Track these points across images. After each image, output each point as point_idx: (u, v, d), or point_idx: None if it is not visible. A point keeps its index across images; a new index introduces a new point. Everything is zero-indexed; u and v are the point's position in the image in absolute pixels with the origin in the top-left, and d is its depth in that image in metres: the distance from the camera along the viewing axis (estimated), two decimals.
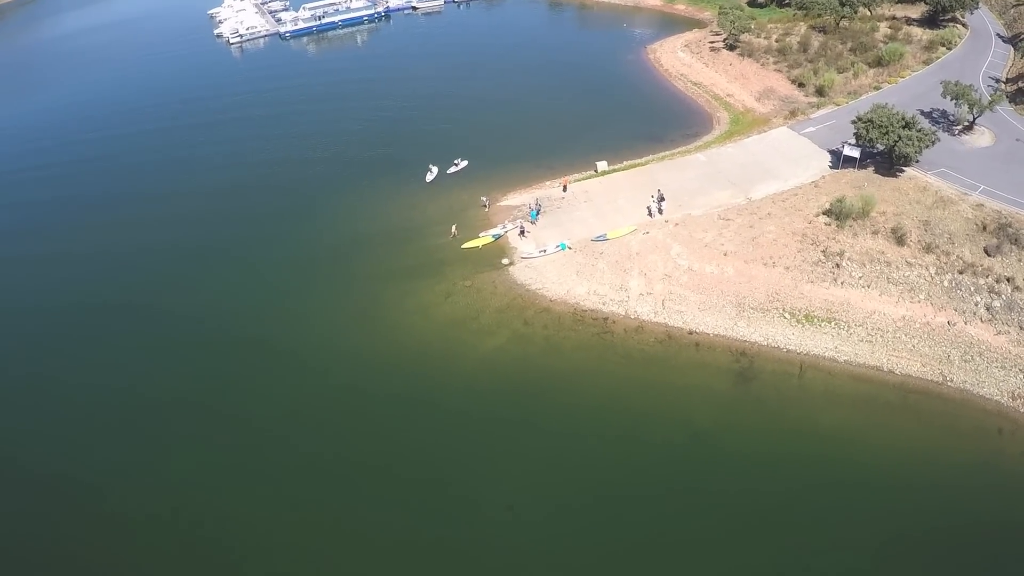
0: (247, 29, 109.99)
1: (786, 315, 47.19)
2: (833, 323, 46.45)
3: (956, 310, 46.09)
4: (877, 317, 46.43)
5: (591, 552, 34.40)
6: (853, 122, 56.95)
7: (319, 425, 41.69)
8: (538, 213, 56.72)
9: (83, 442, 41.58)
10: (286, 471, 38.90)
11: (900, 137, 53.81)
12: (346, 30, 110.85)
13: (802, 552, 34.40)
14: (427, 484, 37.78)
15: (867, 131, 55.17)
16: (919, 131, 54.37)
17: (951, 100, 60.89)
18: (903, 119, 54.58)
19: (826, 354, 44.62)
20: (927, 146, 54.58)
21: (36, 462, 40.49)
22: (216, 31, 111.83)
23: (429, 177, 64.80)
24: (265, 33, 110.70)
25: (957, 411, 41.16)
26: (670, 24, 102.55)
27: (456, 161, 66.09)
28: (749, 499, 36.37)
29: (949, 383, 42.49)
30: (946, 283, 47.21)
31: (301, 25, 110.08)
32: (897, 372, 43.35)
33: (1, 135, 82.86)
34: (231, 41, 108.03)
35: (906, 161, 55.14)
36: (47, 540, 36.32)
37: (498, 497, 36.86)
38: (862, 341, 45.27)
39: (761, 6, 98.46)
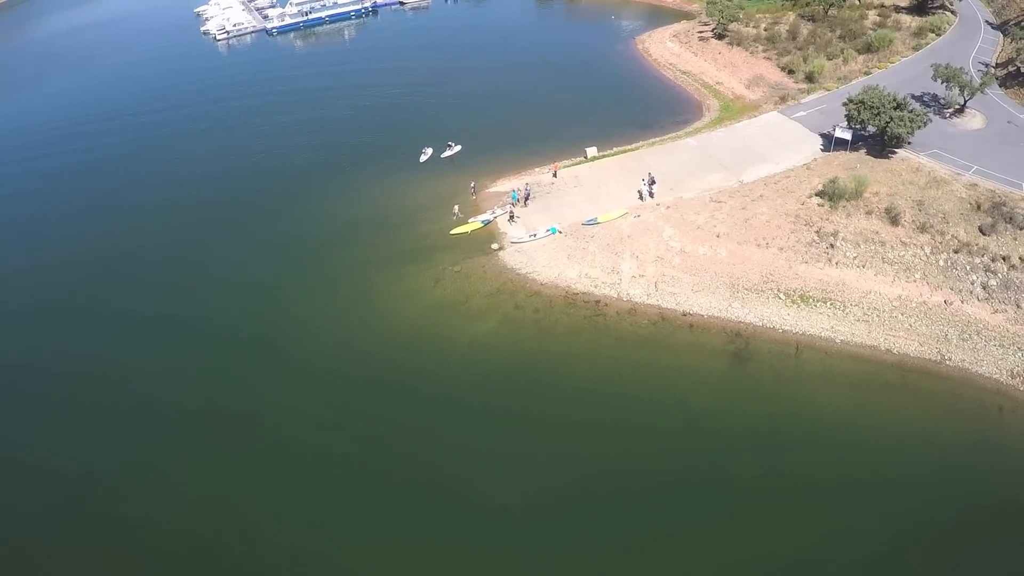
0: (234, 25, 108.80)
1: (781, 295, 46.43)
2: (829, 303, 45.72)
3: (952, 289, 45.52)
4: (873, 297, 45.76)
5: (587, 545, 33.23)
6: (844, 104, 56.46)
7: (304, 415, 40.38)
8: (527, 198, 55.66)
9: (69, 435, 40.42)
10: (265, 464, 37.57)
11: (892, 118, 53.33)
12: (333, 25, 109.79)
13: (802, 534, 33.55)
14: (418, 479, 36.44)
15: (858, 112, 54.67)
16: (911, 112, 53.92)
17: (942, 83, 60.53)
18: (894, 100, 54.10)
19: (822, 334, 43.88)
20: (919, 127, 54.14)
21: (40, 462, 38.92)
22: (203, 28, 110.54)
23: (423, 158, 64.39)
24: (252, 29, 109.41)
25: (956, 390, 40.48)
26: (658, 16, 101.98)
27: (450, 144, 65.56)
28: (746, 482, 35.45)
29: (948, 362, 41.86)
30: (941, 262, 46.64)
31: (288, 21, 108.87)
32: (895, 351, 42.66)
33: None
34: (218, 38, 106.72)
35: (898, 142, 54.72)
36: (55, 541, 34.86)
37: (490, 490, 35.64)
38: (858, 321, 44.56)
39: None
